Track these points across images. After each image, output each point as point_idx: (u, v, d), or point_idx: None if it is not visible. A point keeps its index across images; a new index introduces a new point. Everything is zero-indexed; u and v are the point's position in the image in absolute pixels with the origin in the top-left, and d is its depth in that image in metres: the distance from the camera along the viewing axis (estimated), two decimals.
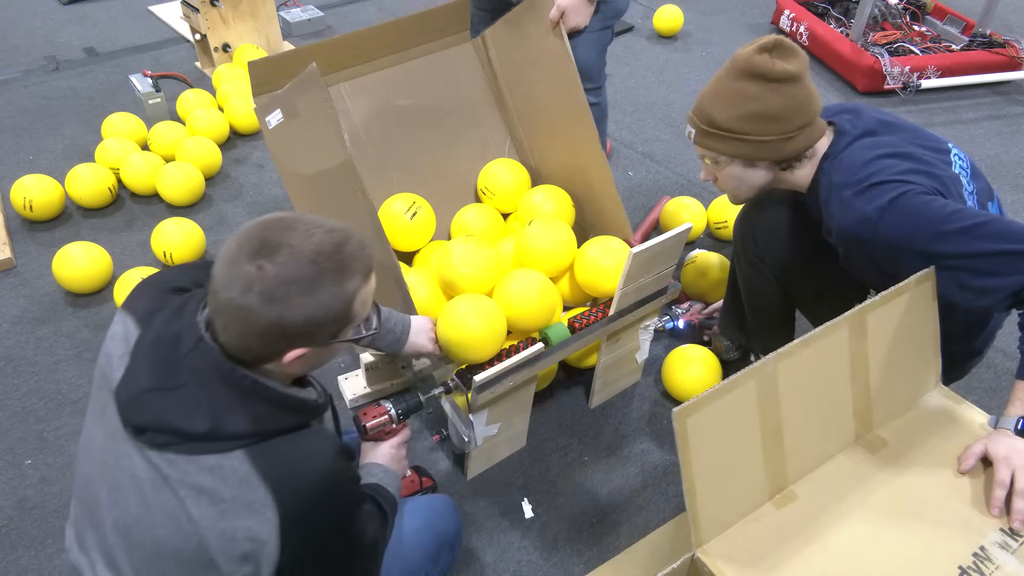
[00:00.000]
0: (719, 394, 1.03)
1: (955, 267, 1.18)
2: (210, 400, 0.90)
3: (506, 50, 1.94)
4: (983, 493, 1.13)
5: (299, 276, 0.89)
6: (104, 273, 2.15)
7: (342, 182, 1.50)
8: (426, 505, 1.35)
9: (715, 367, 1.82)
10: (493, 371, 1.38)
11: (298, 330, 0.91)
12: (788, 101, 1.27)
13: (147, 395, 0.90)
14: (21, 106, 3.10)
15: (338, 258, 0.92)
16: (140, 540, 0.92)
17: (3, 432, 1.77)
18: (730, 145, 1.33)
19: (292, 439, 0.95)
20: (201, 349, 0.91)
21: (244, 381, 0.91)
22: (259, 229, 0.91)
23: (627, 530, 1.57)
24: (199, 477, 0.89)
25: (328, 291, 0.91)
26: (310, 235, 0.91)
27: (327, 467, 0.95)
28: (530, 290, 1.57)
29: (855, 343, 1.18)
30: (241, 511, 0.89)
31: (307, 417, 0.99)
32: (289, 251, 0.89)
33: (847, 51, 3.27)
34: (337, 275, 0.92)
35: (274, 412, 0.94)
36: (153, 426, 0.89)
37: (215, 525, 0.89)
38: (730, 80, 1.30)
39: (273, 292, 0.87)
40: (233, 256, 0.89)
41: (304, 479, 0.93)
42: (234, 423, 0.90)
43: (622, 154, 2.84)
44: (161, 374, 0.91)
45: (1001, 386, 1.88)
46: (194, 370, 0.91)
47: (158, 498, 0.90)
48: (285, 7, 3.83)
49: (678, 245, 1.54)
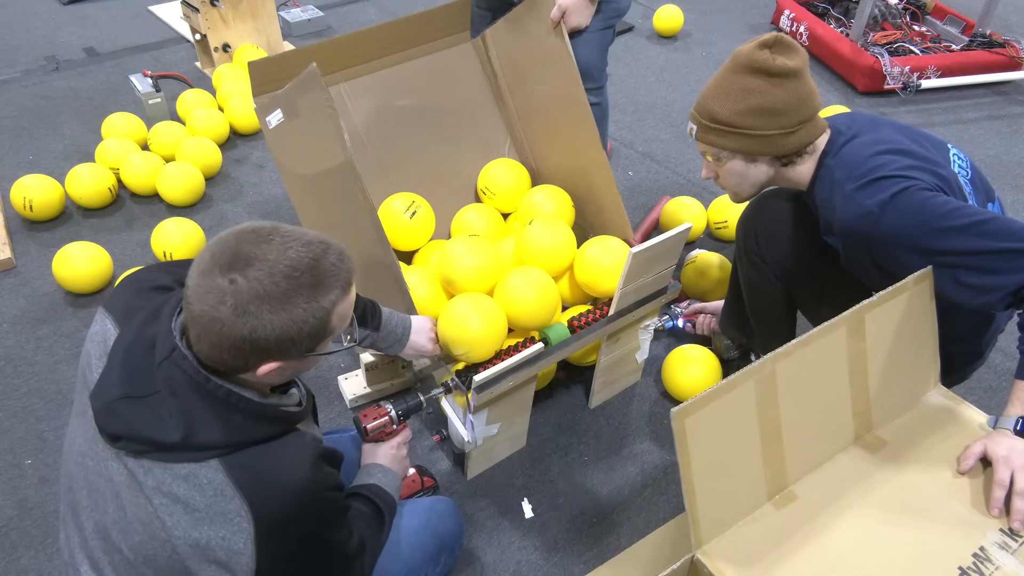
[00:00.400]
0: (717, 394, 1.03)
1: (954, 264, 1.18)
2: (183, 410, 0.88)
3: (507, 50, 1.94)
4: (983, 493, 1.13)
5: (272, 291, 0.86)
6: (104, 273, 2.15)
7: (342, 182, 1.50)
8: (427, 507, 1.35)
9: (715, 367, 1.82)
10: (493, 371, 1.38)
11: (271, 345, 0.88)
12: (789, 96, 1.29)
13: (119, 403, 0.89)
14: (21, 106, 3.10)
15: (314, 273, 0.89)
16: (118, 544, 0.92)
17: (3, 432, 1.77)
18: (732, 140, 1.34)
19: (269, 449, 0.93)
20: (175, 358, 0.90)
21: (218, 391, 0.90)
22: (233, 241, 0.88)
23: (627, 530, 1.57)
24: (174, 485, 0.88)
25: (302, 307, 0.89)
26: (286, 248, 0.88)
27: (304, 478, 0.93)
28: (531, 287, 1.57)
29: (853, 343, 1.18)
30: (215, 520, 0.88)
31: (285, 426, 0.97)
32: (262, 265, 0.86)
33: (847, 51, 3.27)
34: (312, 291, 0.89)
35: (250, 422, 0.92)
36: (126, 435, 0.88)
37: (188, 533, 0.88)
38: (731, 76, 1.32)
39: (245, 307, 0.85)
40: (207, 267, 0.87)
41: (280, 489, 0.91)
42: (208, 433, 0.88)
43: (622, 154, 2.84)
44: (134, 381, 0.90)
45: (1001, 386, 1.88)
46: (167, 379, 0.89)
47: (134, 504, 0.90)
48: (285, 7, 3.83)
49: (678, 245, 1.54)
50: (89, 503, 0.94)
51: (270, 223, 0.92)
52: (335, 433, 1.47)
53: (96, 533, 0.94)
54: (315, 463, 0.96)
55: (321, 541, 0.98)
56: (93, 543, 0.95)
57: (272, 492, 0.91)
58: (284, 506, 0.91)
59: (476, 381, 1.36)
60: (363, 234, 1.53)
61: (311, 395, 1.10)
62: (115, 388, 0.90)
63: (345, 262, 0.95)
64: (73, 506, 0.97)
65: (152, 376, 0.89)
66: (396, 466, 1.28)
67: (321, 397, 1.84)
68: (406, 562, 1.25)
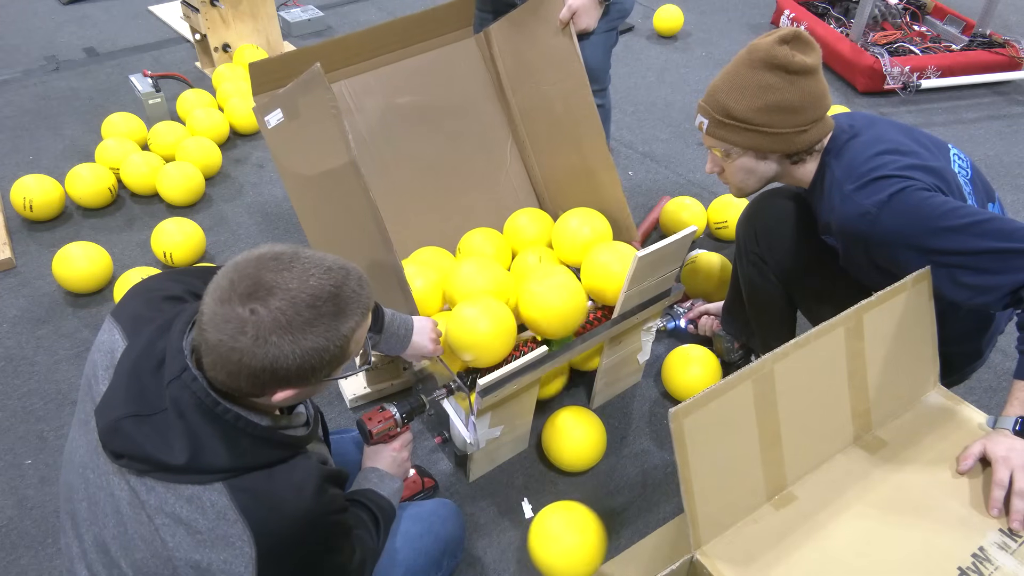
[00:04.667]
0: (715, 394, 1.03)
1: (952, 264, 1.19)
2: (189, 432, 0.87)
3: (510, 48, 1.93)
4: (982, 493, 1.13)
5: (294, 322, 0.84)
6: (104, 273, 2.15)
7: (344, 182, 1.49)
8: (430, 511, 1.35)
9: (715, 367, 1.82)
10: (497, 375, 1.37)
11: (291, 374, 0.87)
12: (805, 94, 1.28)
13: (125, 422, 0.87)
14: (21, 106, 3.10)
15: (336, 302, 0.88)
16: (117, 560, 0.92)
17: (3, 432, 1.77)
18: (746, 136, 1.33)
19: (274, 473, 0.92)
20: (184, 379, 0.88)
21: (227, 415, 0.89)
22: (253, 268, 0.86)
23: (627, 530, 1.57)
24: (177, 506, 0.87)
25: (324, 336, 0.87)
26: (307, 277, 0.86)
27: (307, 504, 0.92)
28: (559, 293, 1.51)
29: (852, 343, 1.18)
30: (217, 543, 0.87)
31: (292, 451, 0.96)
32: (284, 295, 0.84)
33: (847, 51, 3.27)
34: (333, 319, 0.88)
35: (257, 448, 0.91)
36: (130, 454, 0.87)
37: (190, 555, 0.87)
38: (749, 71, 1.29)
39: (266, 338, 0.83)
40: (225, 295, 0.84)
41: (283, 514, 0.90)
42: (213, 457, 0.87)
43: (622, 154, 2.84)
44: (140, 399, 0.89)
45: (1001, 386, 1.88)
46: (176, 399, 0.88)
47: (135, 521, 0.89)
48: (285, 7, 3.84)
49: (683, 248, 1.54)
50: (88, 516, 0.94)
51: (290, 248, 0.90)
52: (336, 434, 1.47)
53: (95, 547, 0.94)
54: (320, 487, 0.95)
55: (323, 564, 0.97)
56: (92, 556, 0.94)
57: (275, 517, 0.90)
58: (287, 531, 0.90)
59: (480, 384, 1.35)
60: (365, 234, 1.53)
61: (319, 412, 1.09)
62: (120, 406, 0.89)
63: (365, 288, 0.93)
64: (73, 516, 0.97)
65: (159, 394, 0.88)
66: (398, 469, 1.27)
67: (321, 397, 1.84)
68: (408, 566, 1.25)
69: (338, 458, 1.34)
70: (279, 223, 2.48)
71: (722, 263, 2.09)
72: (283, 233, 2.43)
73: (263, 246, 0.90)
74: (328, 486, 0.97)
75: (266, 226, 2.46)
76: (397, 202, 1.89)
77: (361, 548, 1.07)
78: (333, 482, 1.00)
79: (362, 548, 1.08)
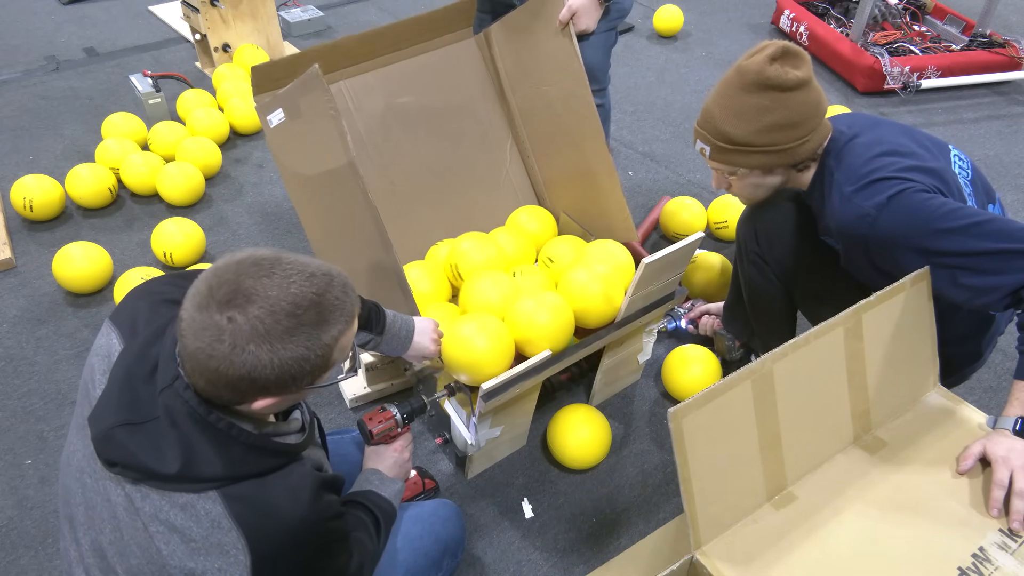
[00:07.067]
0: (715, 394, 1.03)
1: (952, 265, 1.19)
2: (182, 441, 0.86)
3: (510, 48, 1.93)
4: (982, 494, 1.13)
5: (273, 330, 0.82)
6: (104, 273, 2.15)
7: (344, 183, 1.49)
8: (430, 512, 1.35)
9: (715, 367, 1.82)
10: (500, 379, 1.37)
11: (270, 383, 0.85)
12: (802, 106, 1.28)
13: (118, 431, 0.86)
14: (21, 106, 3.10)
15: (318, 310, 0.85)
16: (113, 565, 0.91)
17: (3, 432, 1.77)
18: (750, 158, 1.34)
19: (268, 482, 0.91)
20: (176, 387, 0.87)
21: (219, 424, 0.88)
22: (233, 274, 0.83)
23: (627, 530, 1.57)
24: (171, 514, 0.87)
25: (304, 344, 0.85)
26: (288, 284, 0.84)
27: (302, 512, 0.91)
28: (546, 312, 1.50)
29: (851, 343, 1.18)
30: (212, 551, 0.87)
31: (286, 459, 0.94)
32: (264, 302, 0.82)
33: (847, 51, 3.27)
34: (315, 328, 0.86)
35: (250, 455, 0.90)
36: (123, 463, 0.86)
37: (184, 563, 0.87)
38: (742, 94, 1.29)
39: (244, 347, 0.81)
40: (203, 301, 0.82)
41: (278, 522, 0.89)
42: (206, 466, 0.86)
43: (622, 154, 2.84)
44: (132, 407, 0.88)
45: (1001, 386, 1.88)
46: (168, 408, 0.87)
47: (131, 527, 0.89)
48: (285, 7, 3.83)
49: (689, 254, 1.54)
50: (86, 520, 0.94)
51: (272, 252, 0.87)
52: (336, 434, 1.47)
53: (93, 551, 0.93)
54: (315, 494, 0.94)
55: (319, 570, 0.97)
56: (89, 560, 0.94)
57: (270, 525, 0.89)
58: (282, 539, 0.90)
59: (484, 389, 1.35)
60: (365, 235, 1.53)
61: (315, 417, 1.08)
62: (112, 414, 0.88)
63: (349, 295, 0.91)
64: (71, 519, 0.97)
65: (152, 402, 0.88)
66: (399, 470, 1.27)
67: (321, 397, 1.84)
68: (409, 566, 1.25)
69: (338, 458, 1.34)
70: (279, 223, 2.48)
71: (722, 263, 2.09)
72: (283, 233, 2.43)
73: (245, 250, 0.88)
74: (323, 492, 0.97)
75: (266, 226, 2.46)
76: (397, 202, 1.89)
77: (359, 551, 1.06)
78: (328, 488, 0.99)
79: (360, 551, 1.07)
